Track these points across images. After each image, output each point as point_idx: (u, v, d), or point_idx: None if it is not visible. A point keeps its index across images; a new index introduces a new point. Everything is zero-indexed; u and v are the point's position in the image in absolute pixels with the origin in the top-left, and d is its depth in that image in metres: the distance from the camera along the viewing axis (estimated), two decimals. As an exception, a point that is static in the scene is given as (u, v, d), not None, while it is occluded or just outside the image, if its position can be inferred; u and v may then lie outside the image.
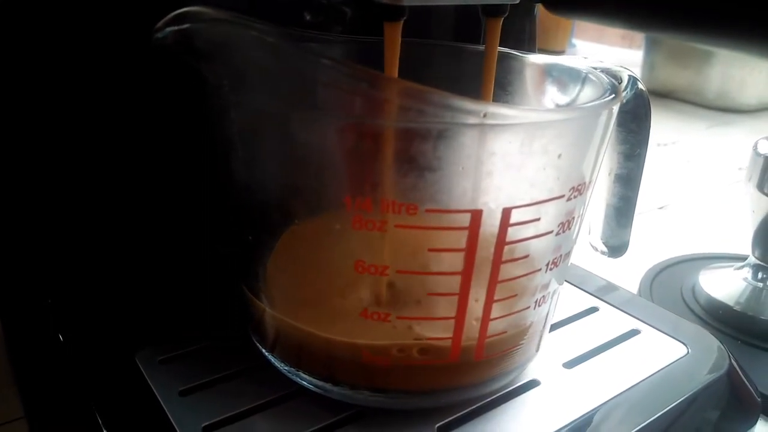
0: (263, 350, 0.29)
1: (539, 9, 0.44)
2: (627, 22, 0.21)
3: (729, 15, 0.16)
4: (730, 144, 0.98)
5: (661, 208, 0.71)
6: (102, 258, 0.31)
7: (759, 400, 0.33)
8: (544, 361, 0.31)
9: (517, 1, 0.27)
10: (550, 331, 0.32)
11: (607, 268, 0.42)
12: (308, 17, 0.37)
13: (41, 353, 0.32)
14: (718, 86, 1.14)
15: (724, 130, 1.05)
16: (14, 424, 0.34)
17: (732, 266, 0.51)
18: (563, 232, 0.25)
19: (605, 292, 0.39)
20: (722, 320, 0.47)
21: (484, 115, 0.21)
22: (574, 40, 1.57)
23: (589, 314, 0.36)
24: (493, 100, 0.31)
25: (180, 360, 0.30)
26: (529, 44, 0.44)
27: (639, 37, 1.35)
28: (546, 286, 0.26)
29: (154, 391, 0.28)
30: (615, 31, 1.52)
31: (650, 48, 1.24)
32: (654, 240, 0.62)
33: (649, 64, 1.24)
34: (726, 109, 1.14)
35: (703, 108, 1.15)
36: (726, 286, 0.49)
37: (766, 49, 0.17)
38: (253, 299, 0.28)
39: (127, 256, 0.32)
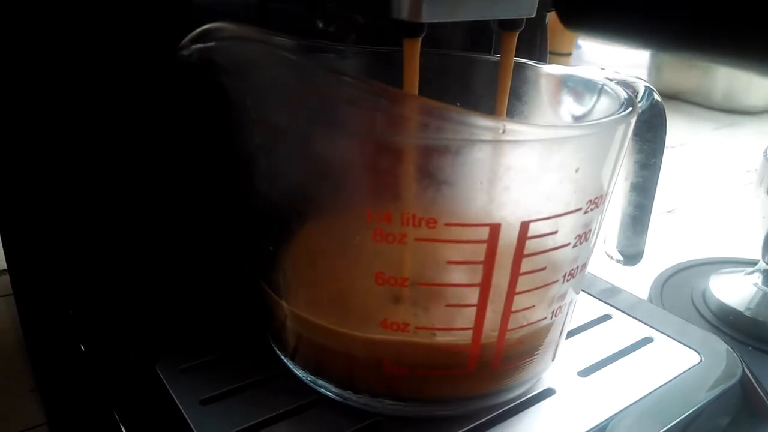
0: (284, 358, 0.29)
1: (550, 16, 0.44)
2: (644, 42, 0.21)
3: (749, 38, 0.17)
4: (738, 146, 0.98)
5: (669, 211, 0.71)
6: (123, 268, 0.32)
7: (772, 407, 0.33)
8: (559, 370, 0.31)
9: (533, 15, 0.28)
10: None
11: (617, 273, 0.43)
12: (321, 25, 0.37)
13: (63, 363, 0.32)
14: (725, 88, 1.14)
15: (731, 131, 1.05)
16: (40, 429, 0.34)
17: (742, 271, 0.51)
18: (580, 244, 0.26)
19: (617, 299, 0.39)
20: (733, 326, 0.47)
21: (503, 132, 0.21)
22: (581, 42, 1.57)
23: (602, 322, 0.36)
24: (509, 111, 0.31)
25: (201, 369, 0.30)
26: (540, 52, 0.44)
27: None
28: (563, 296, 0.27)
29: (176, 400, 0.28)
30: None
31: (657, 49, 1.24)
32: (664, 244, 0.62)
33: (655, 66, 1.24)
34: (733, 110, 1.14)
35: (709, 110, 1.15)
36: (736, 291, 0.49)
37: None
38: (276, 306, 0.28)
39: (148, 267, 0.32)
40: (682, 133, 1.01)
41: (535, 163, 0.23)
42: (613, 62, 1.47)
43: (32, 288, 0.32)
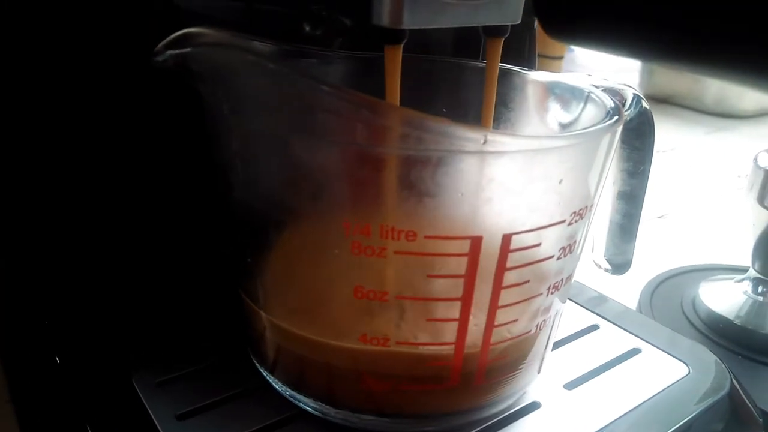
0: (263, 371, 0.28)
1: (538, 22, 0.44)
2: (629, 51, 0.21)
3: (737, 47, 0.16)
4: (729, 150, 0.98)
5: (660, 217, 0.70)
6: (99, 279, 0.31)
7: (761, 420, 0.33)
8: (544, 383, 0.31)
9: (518, 21, 0.27)
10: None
11: (606, 280, 0.42)
12: (307, 29, 0.36)
13: (38, 374, 0.31)
14: (717, 92, 1.14)
15: (722, 136, 1.05)
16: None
17: (732, 278, 0.51)
18: (564, 256, 0.25)
19: (605, 308, 0.39)
20: (722, 334, 0.47)
21: (484, 143, 0.21)
22: (573, 46, 1.57)
23: (589, 332, 0.36)
24: (496, 118, 0.31)
25: (178, 382, 0.29)
26: (529, 57, 0.43)
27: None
28: (547, 309, 0.26)
29: (151, 414, 0.27)
30: (614, 36, 1.52)
31: (649, 53, 1.24)
32: (654, 250, 0.62)
33: (647, 70, 1.24)
34: (724, 114, 1.14)
35: (701, 114, 1.15)
36: (726, 299, 0.49)
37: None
38: (255, 317, 0.27)
39: (125, 279, 0.31)
40: (673, 138, 1.01)
41: (517, 174, 0.22)
42: (605, 66, 1.47)
43: (8, 298, 0.32)
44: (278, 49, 0.29)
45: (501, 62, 0.29)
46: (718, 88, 1.13)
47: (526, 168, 0.22)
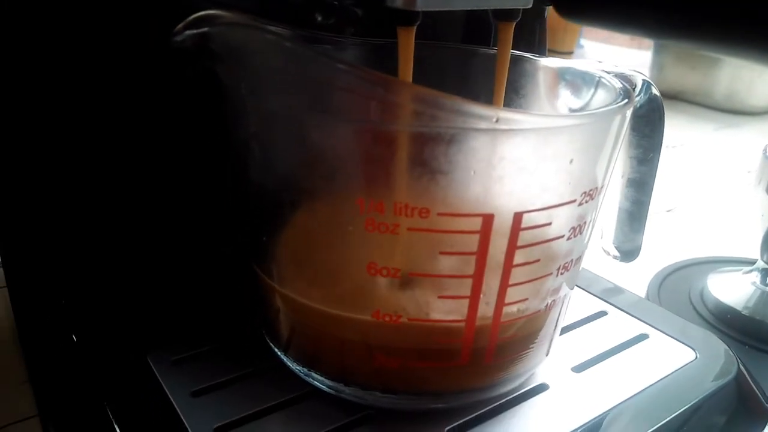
0: (277, 350, 0.29)
1: (549, 11, 0.44)
2: (638, 29, 0.21)
3: (740, 22, 0.16)
4: (739, 146, 0.98)
5: (669, 210, 0.70)
6: (116, 259, 0.32)
7: (767, 405, 0.33)
8: (553, 365, 0.31)
9: (530, 5, 0.27)
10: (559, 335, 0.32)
11: (615, 271, 0.42)
12: (319, 18, 0.37)
13: (55, 353, 0.32)
14: (727, 88, 1.14)
15: (732, 132, 1.05)
16: (28, 422, 0.34)
17: (740, 270, 0.51)
18: (574, 236, 0.25)
19: (613, 295, 0.39)
20: (730, 324, 0.47)
21: (496, 120, 0.21)
22: (582, 41, 1.57)
23: (597, 318, 0.36)
24: (506, 104, 0.31)
25: (193, 360, 0.30)
26: (539, 46, 0.44)
27: (647, 38, 1.35)
28: (557, 290, 0.27)
29: (167, 391, 0.28)
30: (623, 33, 1.51)
31: (659, 49, 1.24)
32: (662, 243, 0.62)
33: (657, 66, 1.24)
34: (734, 111, 1.14)
35: (711, 110, 1.15)
36: (734, 290, 0.49)
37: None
38: (271, 295, 0.28)
39: (140, 258, 0.32)
40: (683, 133, 1.01)
41: (529, 152, 0.22)
42: (615, 61, 1.47)
43: (25, 279, 0.32)
44: (293, 34, 0.29)
45: (512, 51, 0.29)
46: (729, 85, 1.13)
47: (538, 147, 0.22)
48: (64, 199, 0.31)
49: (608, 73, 0.30)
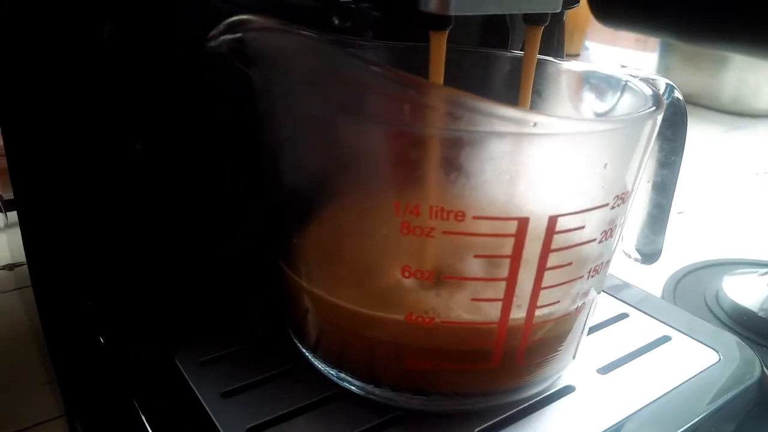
0: (305, 351, 0.29)
1: (567, 14, 0.44)
2: (674, 36, 0.21)
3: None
4: (747, 148, 0.98)
5: (680, 212, 0.71)
6: (142, 260, 0.32)
7: (791, 407, 0.33)
8: (578, 367, 0.31)
9: (559, 10, 0.27)
10: (584, 337, 0.32)
11: (629, 273, 0.42)
12: (336, 21, 0.37)
13: (83, 355, 0.32)
14: (733, 90, 1.14)
15: (740, 134, 1.05)
16: (53, 423, 0.34)
17: (756, 272, 0.51)
18: (605, 240, 0.25)
19: (634, 297, 0.39)
20: (747, 326, 0.47)
21: (534, 125, 0.21)
22: (588, 43, 1.57)
23: (620, 320, 0.36)
24: (531, 107, 0.31)
25: (221, 361, 0.30)
26: (557, 49, 0.44)
27: (654, 40, 1.35)
28: (586, 293, 0.27)
29: (197, 392, 0.28)
30: (629, 35, 1.52)
31: (665, 51, 1.24)
32: (674, 244, 0.62)
33: (663, 68, 1.24)
34: (741, 113, 1.14)
35: (718, 112, 1.15)
36: (750, 292, 0.49)
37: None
38: (300, 295, 0.28)
39: (168, 258, 0.32)
40: (691, 135, 1.01)
41: (565, 156, 0.23)
42: (619, 62, 1.47)
43: (51, 280, 0.32)
44: (322, 37, 0.29)
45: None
46: (736, 87, 1.13)
47: (574, 151, 0.22)
48: (90, 201, 0.31)
49: (634, 77, 0.30)
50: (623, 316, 0.37)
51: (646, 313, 0.37)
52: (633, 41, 1.59)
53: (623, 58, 1.48)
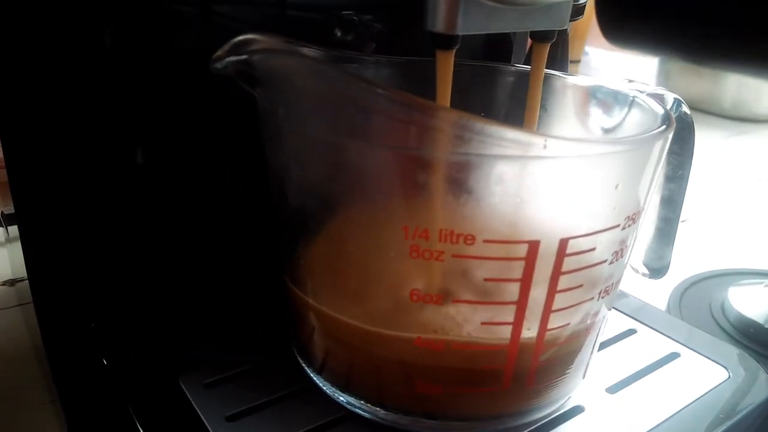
0: (311, 373, 0.29)
1: (570, 26, 0.44)
2: (685, 58, 0.21)
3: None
4: (749, 154, 0.98)
5: (683, 221, 0.70)
6: (146, 281, 0.31)
7: (802, 424, 0.33)
8: (587, 386, 0.31)
9: (565, 27, 0.27)
10: (592, 355, 0.32)
11: (634, 283, 0.42)
12: (339, 34, 0.37)
13: (86, 377, 0.32)
14: (734, 96, 1.14)
15: (741, 140, 1.05)
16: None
17: (762, 283, 0.51)
18: (616, 260, 0.25)
19: (641, 312, 0.39)
20: (753, 338, 0.47)
21: (545, 147, 0.21)
22: (587, 49, 1.57)
23: (627, 336, 0.36)
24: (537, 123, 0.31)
25: (225, 383, 0.29)
26: (561, 61, 0.44)
27: (653, 45, 1.35)
28: (596, 314, 0.26)
29: (201, 416, 0.28)
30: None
31: (665, 58, 1.24)
32: (678, 254, 0.62)
33: (664, 74, 1.24)
34: (742, 118, 1.13)
35: (719, 117, 1.15)
36: (756, 303, 0.49)
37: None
38: (307, 316, 0.28)
39: (172, 280, 0.32)
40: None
41: (576, 178, 0.22)
42: (621, 70, 1.47)
43: (54, 301, 0.32)
44: (324, 54, 0.29)
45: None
46: (736, 92, 1.13)
47: (585, 173, 0.22)
48: (93, 219, 0.31)
49: (641, 92, 0.30)
50: (631, 332, 0.36)
51: (653, 328, 0.37)
52: (632, 46, 1.58)
53: (623, 64, 1.48)
